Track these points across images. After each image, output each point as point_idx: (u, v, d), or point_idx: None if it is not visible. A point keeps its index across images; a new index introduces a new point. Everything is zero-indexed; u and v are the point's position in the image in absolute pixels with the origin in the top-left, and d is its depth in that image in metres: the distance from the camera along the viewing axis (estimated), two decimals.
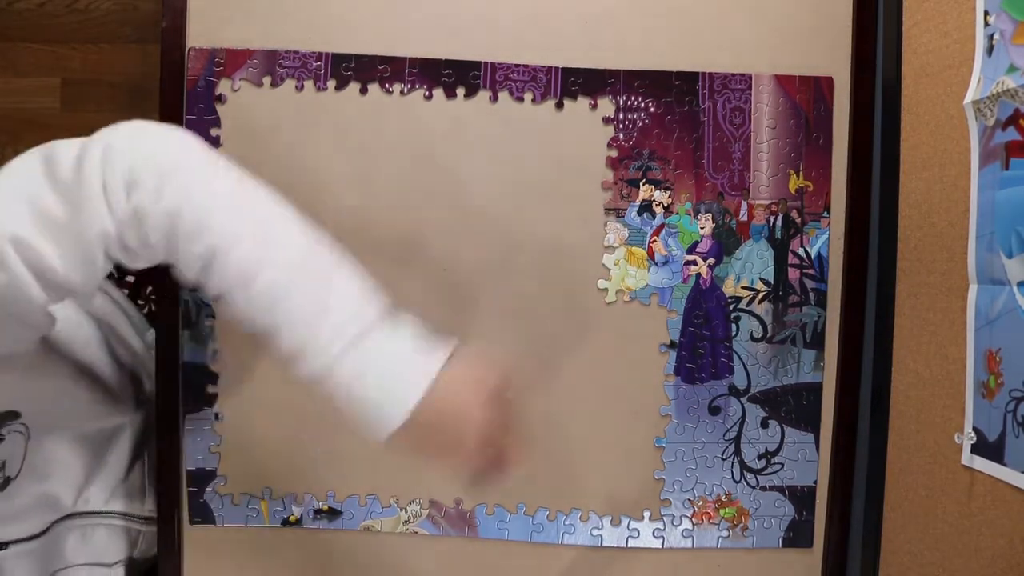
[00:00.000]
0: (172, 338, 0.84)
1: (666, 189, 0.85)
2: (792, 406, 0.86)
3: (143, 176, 0.57)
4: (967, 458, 0.69)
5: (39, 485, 0.80)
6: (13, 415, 0.73)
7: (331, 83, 0.84)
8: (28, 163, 0.59)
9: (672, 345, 0.86)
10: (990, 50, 0.66)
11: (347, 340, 0.59)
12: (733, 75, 0.85)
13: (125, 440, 0.88)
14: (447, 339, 0.64)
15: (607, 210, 0.85)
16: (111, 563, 0.85)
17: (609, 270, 0.85)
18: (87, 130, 0.60)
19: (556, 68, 0.85)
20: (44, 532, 0.82)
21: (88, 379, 0.82)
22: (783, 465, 0.87)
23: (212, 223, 0.59)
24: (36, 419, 0.76)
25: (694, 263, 0.85)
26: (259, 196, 0.62)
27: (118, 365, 0.87)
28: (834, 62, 0.85)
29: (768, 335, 0.86)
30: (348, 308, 0.61)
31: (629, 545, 0.87)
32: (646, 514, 0.87)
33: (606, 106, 0.85)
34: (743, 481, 0.87)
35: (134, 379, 0.90)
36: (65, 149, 0.59)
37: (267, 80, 0.84)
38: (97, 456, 0.86)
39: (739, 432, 0.86)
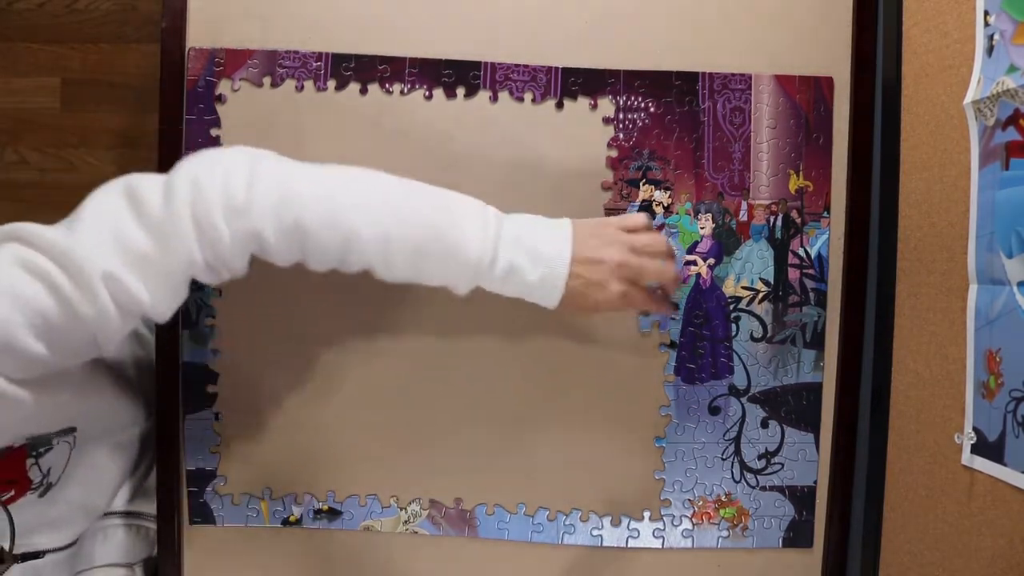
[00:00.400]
0: (172, 338, 0.84)
1: (666, 189, 0.85)
2: (792, 406, 0.86)
3: (252, 199, 0.61)
4: (967, 458, 0.69)
5: (78, 493, 0.80)
6: (71, 429, 0.75)
7: (331, 83, 0.84)
8: (112, 199, 0.61)
9: (672, 345, 0.86)
10: (990, 50, 0.66)
11: (491, 248, 0.66)
12: (733, 75, 0.85)
13: (148, 443, 0.89)
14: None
15: (607, 210, 0.85)
16: (132, 563, 0.85)
17: None
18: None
19: (556, 68, 0.85)
20: (76, 540, 0.82)
21: (124, 388, 0.82)
22: (783, 465, 0.87)
23: (335, 215, 0.63)
24: (86, 432, 0.77)
25: (694, 263, 0.85)
26: (341, 172, 0.67)
27: (138, 367, 0.88)
28: (834, 62, 0.85)
29: (768, 335, 0.86)
30: (475, 222, 0.67)
31: (629, 545, 0.87)
32: (646, 514, 0.87)
33: (606, 106, 0.85)
34: (743, 481, 0.87)
35: (150, 379, 0.90)
36: (148, 183, 0.61)
37: (267, 80, 0.84)
38: (131, 462, 0.88)
39: (739, 432, 0.86)
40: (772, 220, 0.86)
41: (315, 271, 0.67)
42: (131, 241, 0.59)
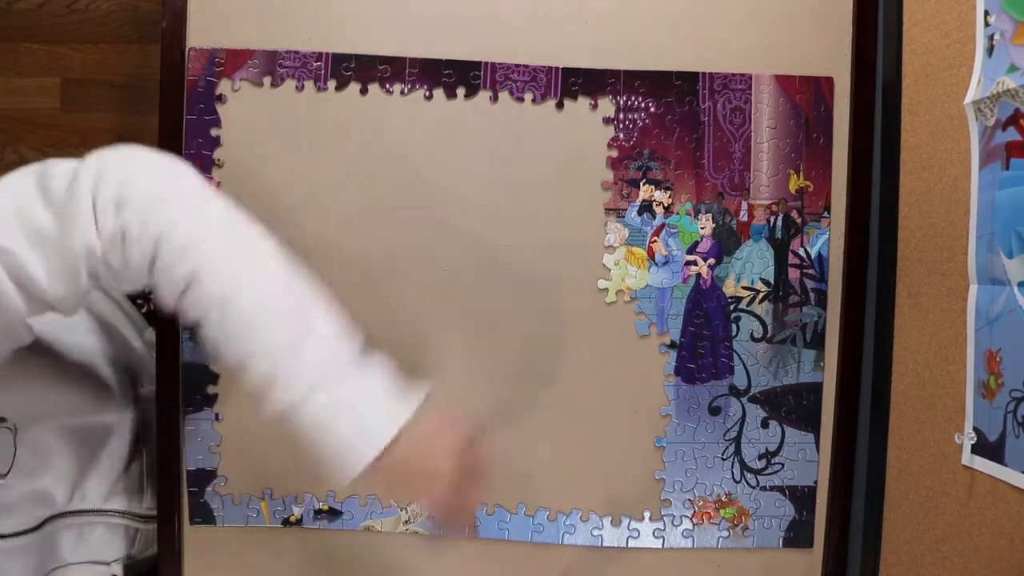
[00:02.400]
0: (172, 338, 0.84)
1: (666, 189, 0.85)
2: (792, 406, 0.86)
3: (133, 197, 0.60)
4: (967, 458, 0.69)
5: (30, 481, 0.80)
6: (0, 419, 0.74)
7: (331, 83, 0.84)
8: (22, 178, 0.62)
9: (672, 345, 0.86)
10: (990, 50, 0.66)
11: (321, 376, 0.61)
12: (733, 75, 0.85)
13: (122, 437, 0.88)
14: (419, 384, 0.65)
15: (607, 210, 0.85)
16: (109, 561, 0.85)
17: (609, 270, 0.85)
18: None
19: (556, 68, 0.85)
20: (37, 528, 0.81)
21: (77, 377, 0.82)
22: (783, 465, 0.87)
23: (194, 250, 0.61)
24: (22, 418, 0.77)
25: (694, 263, 0.85)
26: (243, 228, 0.65)
27: (113, 363, 0.87)
28: (834, 62, 0.85)
29: (768, 335, 0.86)
30: (324, 344, 0.63)
31: (629, 545, 0.87)
32: (646, 514, 0.87)
33: (606, 106, 0.85)
34: (743, 481, 0.87)
35: (131, 377, 0.90)
36: (59, 167, 0.62)
37: (267, 80, 0.84)
38: (90, 452, 0.86)
39: (739, 432, 0.86)
40: (772, 220, 0.86)
41: (161, 303, 0.64)
42: (33, 219, 0.59)
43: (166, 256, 0.61)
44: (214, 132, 0.84)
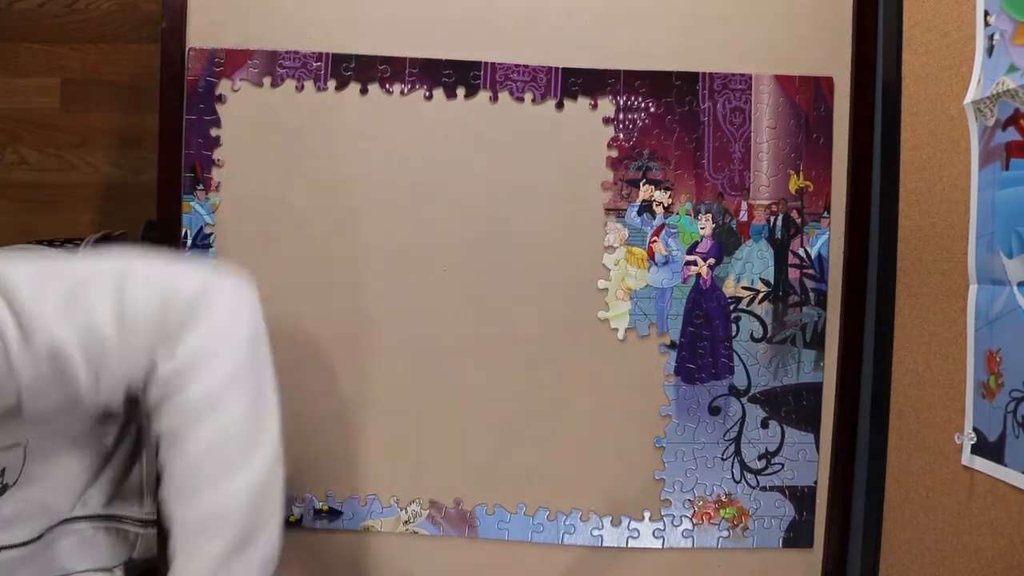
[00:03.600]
0: None
1: (666, 189, 0.85)
2: (792, 406, 0.86)
3: (184, 349, 0.60)
4: (967, 458, 0.69)
5: (37, 492, 0.79)
6: (15, 444, 0.75)
7: (331, 83, 0.84)
8: (103, 278, 0.60)
9: (672, 345, 0.86)
10: (990, 50, 0.66)
11: None
12: (733, 75, 0.85)
13: (125, 444, 0.88)
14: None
15: (607, 210, 0.85)
16: (111, 567, 0.85)
17: (609, 270, 0.85)
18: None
19: (556, 68, 0.85)
20: (38, 538, 0.81)
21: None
22: (783, 465, 0.87)
23: (206, 410, 0.60)
24: (39, 438, 0.77)
25: (694, 263, 0.85)
26: (262, 393, 0.64)
27: None
28: (834, 62, 0.85)
29: (768, 335, 0.86)
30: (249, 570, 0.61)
31: (629, 545, 0.87)
32: (646, 514, 0.87)
33: (606, 106, 0.85)
34: (743, 481, 0.87)
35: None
36: (143, 282, 0.60)
37: (267, 80, 0.84)
38: (96, 461, 0.86)
39: (739, 432, 0.86)
40: (772, 220, 0.86)
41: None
42: (97, 326, 0.58)
43: (177, 393, 0.60)
44: (214, 132, 0.84)
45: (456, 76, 0.84)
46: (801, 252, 0.86)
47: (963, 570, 0.70)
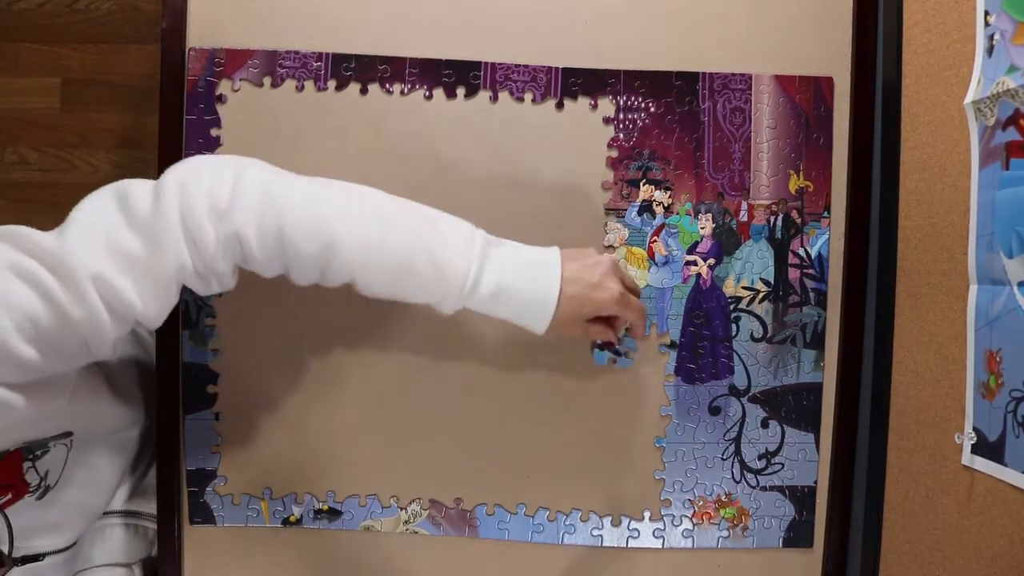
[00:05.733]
0: (172, 338, 0.84)
1: (666, 189, 0.85)
2: (792, 406, 0.86)
3: (233, 201, 0.61)
4: (967, 458, 0.69)
5: (76, 494, 0.80)
6: (67, 434, 0.74)
7: (331, 83, 0.84)
8: (102, 202, 0.61)
9: (672, 345, 0.86)
10: (990, 50, 0.66)
11: (477, 262, 0.66)
12: (733, 75, 0.85)
13: (148, 443, 0.89)
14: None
15: (607, 210, 0.85)
16: (130, 563, 0.85)
17: None
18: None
19: (556, 68, 0.85)
20: (76, 541, 0.82)
21: (121, 391, 0.82)
22: (783, 465, 0.87)
23: (317, 221, 0.63)
24: (82, 435, 0.77)
25: (694, 263, 0.85)
26: (329, 183, 0.67)
27: (137, 366, 0.88)
28: (834, 62, 0.85)
29: (768, 335, 0.86)
30: (460, 237, 0.67)
31: (629, 545, 0.87)
32: (646, 514, 0.87)
33: (606, 106, 0.85)
34: (743, 481, 0.87)
35: (150, 379, 0.90)
36: (136, 186, 0.62)
37: (267, 80, 0.84)
38: (129, 462, 0.88)
39: (739, 432, 0.86)
40: (772, 220, 0.86)
41: (300, 285, 0.67)
42: (121, 243, 0.59)
43: (294, 241, 0.62)
44: (214, 132, 0.84)
45: (456, 76, 0.84)
46: (801, 252, 0.86)
47: (963, 570, 0.70)
